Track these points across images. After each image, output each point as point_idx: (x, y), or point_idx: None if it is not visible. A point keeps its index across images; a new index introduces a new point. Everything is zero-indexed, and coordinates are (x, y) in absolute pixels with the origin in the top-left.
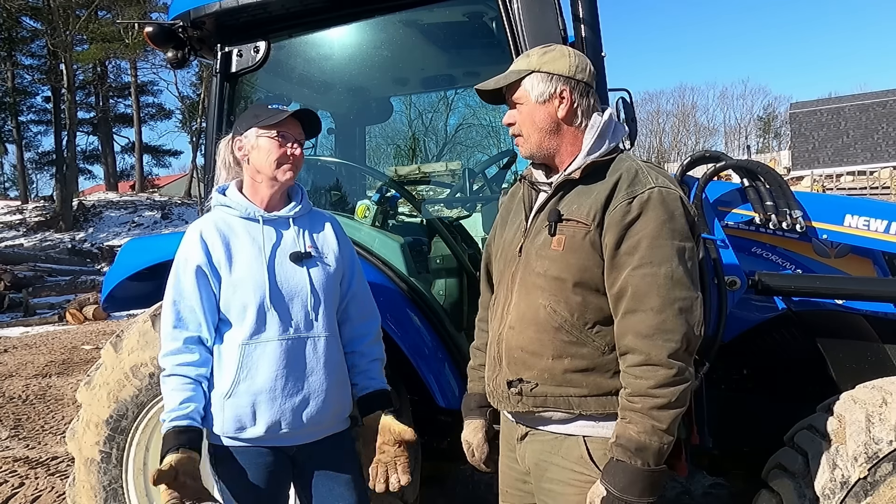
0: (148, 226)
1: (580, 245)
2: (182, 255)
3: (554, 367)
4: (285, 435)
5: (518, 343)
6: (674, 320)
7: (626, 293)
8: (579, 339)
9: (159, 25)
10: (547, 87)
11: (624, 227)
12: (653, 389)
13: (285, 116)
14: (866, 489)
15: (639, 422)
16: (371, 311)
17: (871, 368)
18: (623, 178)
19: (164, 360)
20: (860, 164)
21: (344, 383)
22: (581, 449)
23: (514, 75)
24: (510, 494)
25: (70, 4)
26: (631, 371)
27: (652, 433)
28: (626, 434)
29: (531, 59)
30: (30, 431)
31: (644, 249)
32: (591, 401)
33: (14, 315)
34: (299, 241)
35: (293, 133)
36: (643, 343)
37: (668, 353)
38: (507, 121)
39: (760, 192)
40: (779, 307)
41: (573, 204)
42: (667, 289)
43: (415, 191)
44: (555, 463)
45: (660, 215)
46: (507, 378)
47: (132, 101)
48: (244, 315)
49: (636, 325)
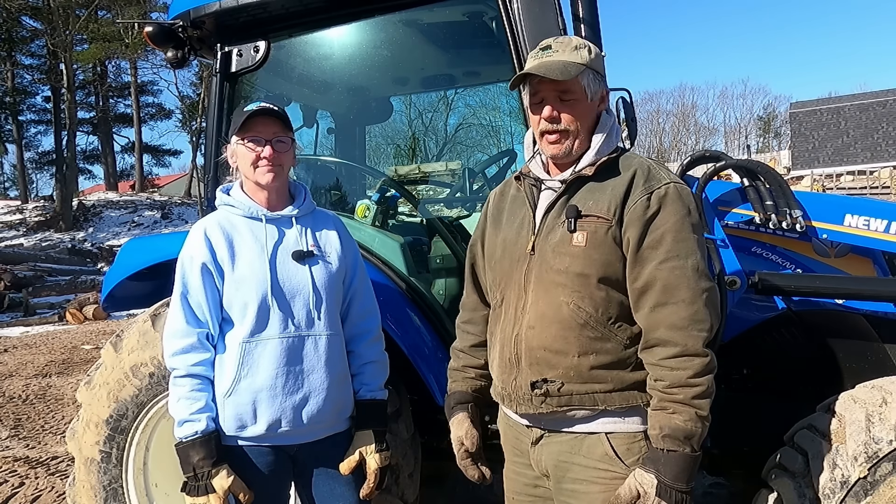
0: (148, 225)
1: (603, 240)
2: (187, 253)
3: (580, 364)
4: (286, 433)
5: (541, 342)
6: (704, 310)
7: (654, 286)
8: (604, 334)
9: (159, 25)
10: (598, 87)
11: (646, 222)
12: (692, 379)
13: (244, 119)
14: (866, 489)
15: (683, 411)
16: (371, 309)
17: (871, 368)
18: (638, 173)
19: (176, 359)
20: (860, 164)
21: (345, 382)
22: (605, 446)
23: (575, 69)
24: (520, 500)
25: (70, 4)
26: (666, 363)
27: (697, 420)
28: (673, 424)
29: (581, 53)
30: (30, 431)
31: (669, 243)
32: (616, 395)
33: (14, 315)
34: (302, 240)
35: (263, 133)
36: (678, 335)
37: (703, 343)
38: (552, 115)
39: (760, 191)
40: (779, 307)
41: (588, 200)
42: (695, 280)
43: (415, 191)
44: (577, 462)
45: (679, 209)
46: (529, 379)
47: (132, 101)
48: (245, 313)
49: (668, 317)
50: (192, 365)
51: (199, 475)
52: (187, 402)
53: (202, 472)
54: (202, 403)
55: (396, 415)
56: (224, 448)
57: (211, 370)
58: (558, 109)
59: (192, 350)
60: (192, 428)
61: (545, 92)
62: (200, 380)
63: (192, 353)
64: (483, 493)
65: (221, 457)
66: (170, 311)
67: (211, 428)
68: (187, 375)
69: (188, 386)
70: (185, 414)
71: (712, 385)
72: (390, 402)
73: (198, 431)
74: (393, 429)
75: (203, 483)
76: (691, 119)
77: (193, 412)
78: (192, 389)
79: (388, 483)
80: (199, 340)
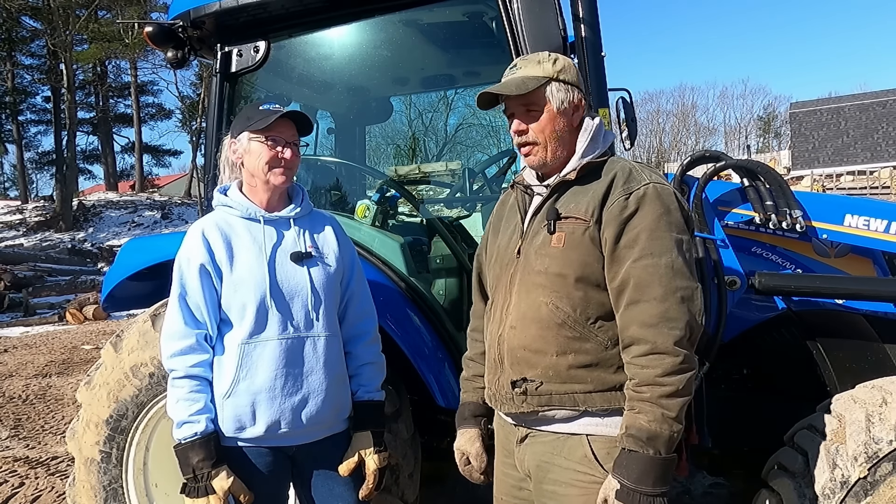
0: (148, 226)
1: (580, 241)
2: (185, 254)
3: (558, 363)
4: (285, 434)
5: (520, 342)
6: (677, 308)
7: (628, 285)
8: (582, 334)
9: (159, 25)
10: (567, 96)
11: (622, 222)
12: (660, 378)
13: (273, 119)
14: (866, 489)
15: (648, 411)
16: (369, 311)
17: (871, 368)
18: (618, 175)
19: (175, 360)
20: (860, 164)
21: (344, 383)
22: (584, 448)
23: (534, 82)
24: (505, 502)
25: (70, 4)
26: (637, 361)
27: (662, 421)
28: (637, 424)
29: (544, 66)
30: (30, 431)
31: (644, 242)
32: (597, 396)
33: (14, 315)
34: (300, 242)
35: (284, 135)
36: (648, 332)
37: (674, 341)
38: (519, 129)
39: (760, 191)
40: (779, 307)
41: (570, 203)
42: (668, 278)
43: (415, 191)
44: (557, 464)
45: (656, 209)
46: (510, 378)
47: (132, 101)
48: (244, 314)
49: (640, 314)
50: (190, 366)
51: (199, 476)
52: (186, 403)
53: (202, 474)
54: (201, 405)
55: (396, 415)
56: (223, 449)
57: (209, 371)
58: (525, 122)
59: (190, 351)
60: (192, 429)
61: (513, 107)
62: (199, 381)
63: (190, 354)
64: (483, 492)
65: (221, 458)
66: (167, 313)
67: (210, 429)
68: (186, 377)
69: (187, 387)
70: (184, 415)
71: (686, 385)
72: (390, 402)
73: (197, 433)
74: (393, 429)
75: (203, 484)
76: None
77: (192, 413)
78: (190, 391)
79: (388, 483)
80: (198, 342)
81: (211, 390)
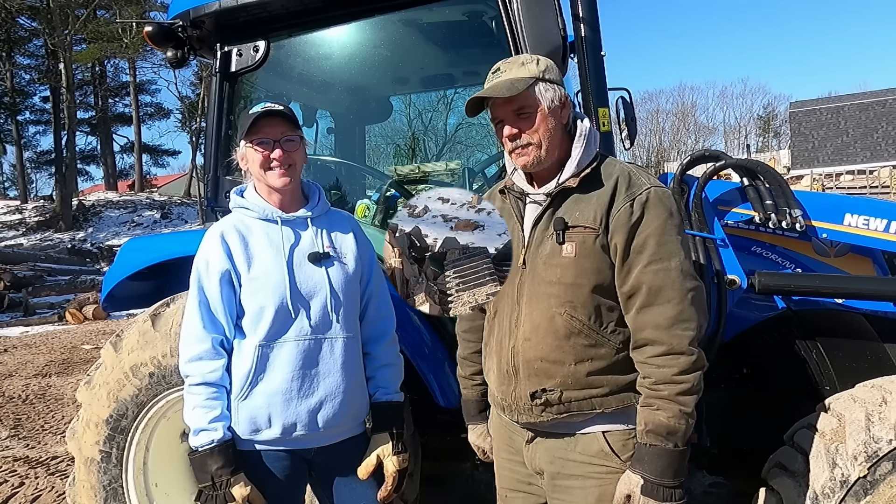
0: (147, 225)
1: (592, 249)
2: (203, 257)
3: (577, 371)
4: (301, 437)
5: (536, 353)
6: (689, 310)
7: (641, 289)
8: (597, 341)
9: (158, 25)
10: (555, 94)
11: (631, 228)
12: (677, 376)
13: (250, 122)
14: (866, 488)
15: (667, 407)
16: (388, 311)
17: (871, 367)
18: (620, 181)
19: (192, 365)
20: (860, 163)
21: (362, 386)
22: (600, 443)
23: (522, 83)
24: (513, 496)
25: (69, 4)
26: (653, 361)
27: (680, 417)
28: (656, 420)
29: (528, 67)
30: (30, 431)
31: (653, 247)
32: (612, 398)
33: (14, 315)
34: (318, 242)
35: (271, 135)
36: (663, 334)
37: (689, 342)
38: (511, 133)
39: (760, 191)
40: (778, 306)
41: (574, 211)
42: (680, 282)
43: (415, 190)
44: (572, 459)
45: (661, 213)
46: (527, 390)
47: (131, 101)
48: (262, 316)
49: (654, 317)
50: (207, 372)
51: (218, 484)
52: (203, 410)
53: (220, 481)
54: (218, 412)
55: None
56: (238, 453)
57: (227, 377)
58: (517, 126)
59: (207, 356)
60: (209, 437)
61: (502, 113)
62: (216, 388)
63: (207, 359)
64: (483, 492)
65: (239, 465)
66: (185, 317)
67: (227, 437)
68: (203, 383)
69: (204, 394)
70: (202, 423)
71: (699, 383)
72: None
73: (214, 440)
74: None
75: (222, 492)
76: (691, 118)
77: (210, 421)
78: (207, 398)
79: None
80: (214, 346)
81: (227, 397)
